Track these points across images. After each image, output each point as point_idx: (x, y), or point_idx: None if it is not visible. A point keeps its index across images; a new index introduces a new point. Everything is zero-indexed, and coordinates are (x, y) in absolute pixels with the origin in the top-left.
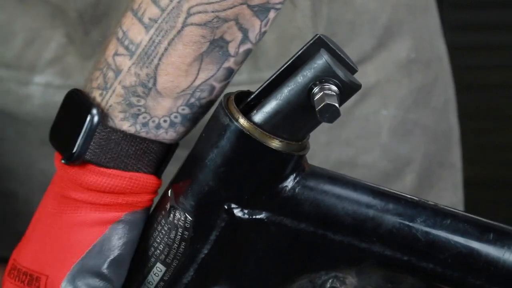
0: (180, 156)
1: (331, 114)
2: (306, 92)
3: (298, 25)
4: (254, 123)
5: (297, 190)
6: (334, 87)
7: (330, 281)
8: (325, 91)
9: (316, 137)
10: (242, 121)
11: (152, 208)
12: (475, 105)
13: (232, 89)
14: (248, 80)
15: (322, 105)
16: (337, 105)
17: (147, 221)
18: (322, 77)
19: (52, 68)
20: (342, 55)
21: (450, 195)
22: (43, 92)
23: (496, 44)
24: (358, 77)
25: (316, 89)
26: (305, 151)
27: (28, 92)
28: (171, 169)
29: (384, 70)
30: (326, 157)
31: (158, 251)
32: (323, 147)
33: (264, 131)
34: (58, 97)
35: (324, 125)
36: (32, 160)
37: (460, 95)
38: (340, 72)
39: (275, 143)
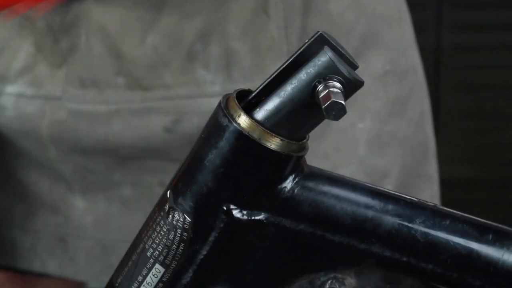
0: (133, 158)
1: (337, 111)
2: (310, 90)
3: (272, 36)
4: (256, 120)
5: (296, 191)
6: (338, 84)
7: (329, 282)
8: (330, 89)
9: None
10: (244, 118)
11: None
12: (475, 105)
13: (207, 100)
14: (222, 91)
15: (328, 102)
16: (343, 102)
17: (146, 222)
18: (325, 74)
19: (23, 78)
20: (342, 51)
21: None
22: (15, 103)
23: (496, 44)
24: None
25: (320, 87)
26: (304, 151)
27: (0, 103)
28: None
29: None
30: None
31: (157, 252)
32: None
33: (266, 128)
34: (31, 108)
35: None
36: (9, 171)
37: (460, 95)
38: (344, 69)
39: (276, 142)
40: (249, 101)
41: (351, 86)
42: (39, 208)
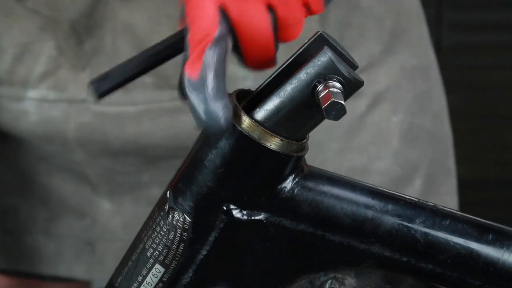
0: (163, 157)
1: (337, 111)
2: (310, 90)
3: (306, 29)
4: (256, 120)
5: (296, 191)
6: (338, 84)
7: (329, 282)
8: (330, 89)
9: (329, 144)
10: (244, 118)
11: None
12: (475, 105)
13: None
14: (254, 87)
15: (328, 103)
16: (343, 102)
17: (146, 222)
18: (325, 74)
19: (45, 82)
20: (342, 51)
21: (451, 199)
22: (38, 107)
23: (496, 44)
24: (369, 82)
25: (320, 87)
26: (304, 152)
27: (22, 108)
28: (153, 171)
29: (392, 76)
30: (339, 164)
31: (157, 252)
32: (336, 154)
33: (266, 128)
34: (55, 112)
35: (337, 133)
36: (31, 176)
37: (460, 95)
38: (344, 69)
39: (276, 142)
40: (249, 101)
41: (351, 86)
42: (63, 212)
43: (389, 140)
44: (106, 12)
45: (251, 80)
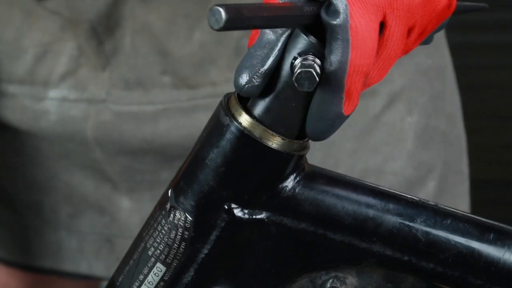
0: (180, 156)
1: (309, 80)
2: (289, 70)
3: None
4: (257, 119)
5: (297, 190)
6: (317, 60)
7: (330, 281)
8: (303, 61)
9: (342, 145)
10: (245, 117)
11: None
12: (475, 105)
13: None
14: None
15: (298, 71)
16: (311, 70)
17: (147, 221)
18: (301, 52)
19: (66, 82)
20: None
21: (463, 202)
22: (59, 107)
23: (496, 44)
24: (384, 82)
25: (296, 61)
26: (305, 151)
27: (43, 108)
28: (171, 169)
29: (407, 76)
30: (353, 164)
31: (158, 251)
32: (350, 154)
33: (267, 127)
34: (75, 111)
35: (351, 133)
36: (53, 173)
37: (460, 95)
38: (319, 43)
39: (277, 141)
40: (251, 100)
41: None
42: (85, 209)
43: (403, 140)
44: (125, 12)
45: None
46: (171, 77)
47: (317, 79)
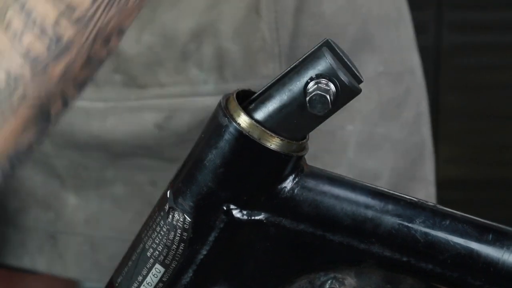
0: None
1: (322, 104)
2: (303, 87)
3: (263, 36)
4: (255, 120)
5: (296, 191)
6: (331, 84)
7: (329, 282)
8: (319, 84)
9: None
10: (244, 118)
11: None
12: (475, 105)
13: (199, 99)
14: (215, 91)
15: (312, 94)
16: (327, 95)
17: (146, 222)
18: (319, 73)
19: None
20: (348, 62)
21: None
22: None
23: (496, 44)
24: None
25: (311, 83)
26: (304, 151)
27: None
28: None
29: None
30: None
31: (157, 252)
32: None
33: (266, 128)
34: None
35: None
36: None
37: (459, 95)
38: (340, 72)
39: (276, 142)
40: (250, 101)
41: (346, 91)
42: (32, 204)
43: (343, 149)
44: None
45: (211, 83)
46: (122, 75)
47: (330, 106)
